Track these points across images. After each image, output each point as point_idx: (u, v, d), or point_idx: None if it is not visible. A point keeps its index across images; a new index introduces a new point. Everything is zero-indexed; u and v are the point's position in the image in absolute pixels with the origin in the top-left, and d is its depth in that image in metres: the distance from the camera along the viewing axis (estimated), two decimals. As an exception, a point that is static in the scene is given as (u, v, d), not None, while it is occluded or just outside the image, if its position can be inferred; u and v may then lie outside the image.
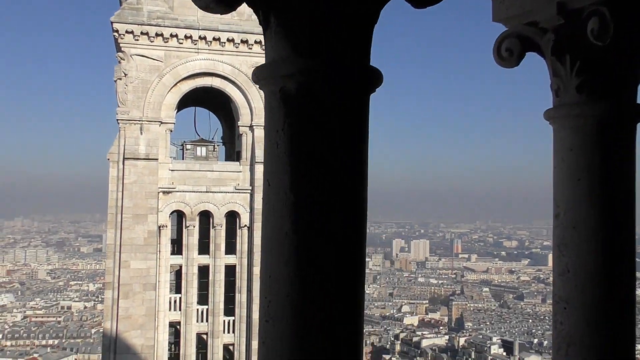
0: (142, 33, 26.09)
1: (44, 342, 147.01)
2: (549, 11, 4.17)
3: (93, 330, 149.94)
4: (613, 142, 4.34)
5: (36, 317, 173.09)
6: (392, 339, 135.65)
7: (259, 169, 27.64)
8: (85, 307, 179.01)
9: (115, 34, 25.99)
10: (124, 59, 26.14)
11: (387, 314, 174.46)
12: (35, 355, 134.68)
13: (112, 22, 25.91)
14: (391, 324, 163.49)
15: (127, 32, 25.91)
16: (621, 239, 4.42)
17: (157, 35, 26.28)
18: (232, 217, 28.19)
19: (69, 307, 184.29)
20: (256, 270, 27.23)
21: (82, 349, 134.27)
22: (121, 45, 26.10)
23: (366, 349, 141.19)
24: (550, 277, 5.66)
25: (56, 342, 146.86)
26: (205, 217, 28.26)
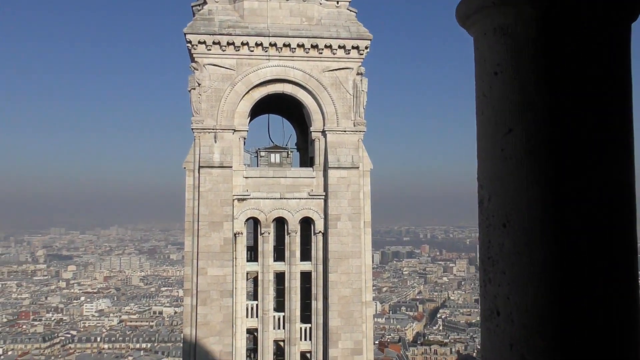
0: (214, 43, 26.45)
1: (137, 346, 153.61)
2: None
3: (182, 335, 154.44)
4: (581, 55, 2.31)
5: (130, 321, 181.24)
6: (478, 347, 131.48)
7: (333, 175, 27.33)
8: (175, 312, 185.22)
9: (189, 44, 26.50)
10: (197, 69, 26.60)
11: (473, 321, 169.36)
12: (130, 358, 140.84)
13: (185, 34, 26.44)
14: (477, 332, 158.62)
15: (199, 42, 26.36)
16: (603, 250, 2.47)
17: (228, 44, 26.56)
18: (306, 223, 27.99)
19: (160, 312, 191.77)
20: (332, 277, 26.86)
21: (173, 353, 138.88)
22: (194, 55, 26.58)
23: (451, 358, 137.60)
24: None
25: (149, 345, 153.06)
26: (280, 223, 28.22)
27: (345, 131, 27.71)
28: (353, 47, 27.62)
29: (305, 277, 27.94)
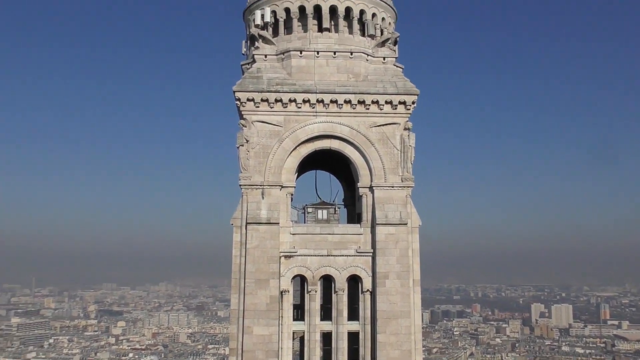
0: (262, 100, 26.78)
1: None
2: None
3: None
4: None
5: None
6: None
7: (381, 231, 26.76)
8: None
9: (238, 102, 26.90)
10: (245, 126, 26.88)
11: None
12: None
13: (234, 91, 26.88)
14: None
15: (248, 99, 26.74)
16: None
17: (276, 101, 26.84)
18: (354, 281, 27.29)
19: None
20: (380, 337, 25.87)
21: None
22: (243, 112, 26.92)
23: None
24: None
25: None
26: (327, 281, 27.61)
27: (393, 187, 27.26)
28: (400, 103, 27.49)
29: (353, 337, 27.01)
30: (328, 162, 30.98)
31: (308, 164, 29.87)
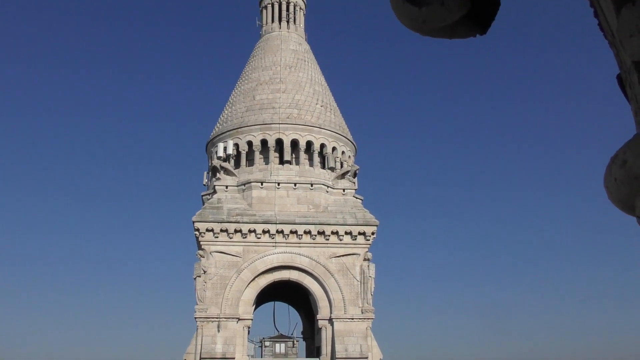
0: (221, 230, 26.69)
1: None
2: None
3: None
4: None
5: None
6: None
7: (341, 366, 25.84)
8: None
9: (197, 232, 26.73)
10: (203, 257, 26.52)
11: None
12: None
13: (194, 222, 26.79)
14: None
15: (207, 230, 26.61)
16: None
17: (235, 231, 26.78)
18: (313, 421, 25.89)
19: None
20: None
21: None
22: (201, 243, 26.67)
23: None
24: None
25: None
26: (285, 421, 26.13)
27: (352, 319, 26.78)
28: (359, 233, 27.75)
29: None
30: (287, 293, 30.50)
31: (266, 296, 29.32)
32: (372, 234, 27.91)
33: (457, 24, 2.56)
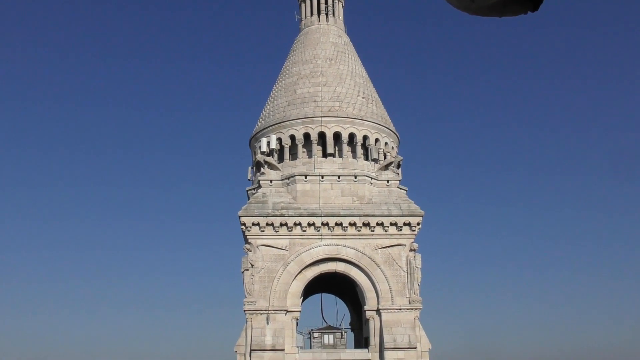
0: (267, 224, 27.04)
1: None
2: None
3: None
4: None
5: None
6: None
7: (389, 356, 25.92)
8: None
9: (243, 227, 27.15)
10: (250, 250, 26.94)
11: None
12: None
13: (240, 216, 27.22)
14: None
15: (253, 224, 27.00)
16: None
17: (281, 225, 27.09)
18: (363, 411, 26.04)
19: None
20: None
21: None
22: (248, 237, 27.09)
23: None
24: None
25: None
26: (335, 411, 26.35)
27: (400, 309, 26.77)
28: (405, 224, 27.67)
29: None
30: (334, 285, 30.69)
31: (314, 288, 29.58)
32: (418, 224, 27.80)
33: (507, 0, 2.49)
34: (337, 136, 28.91)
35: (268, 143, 28.99)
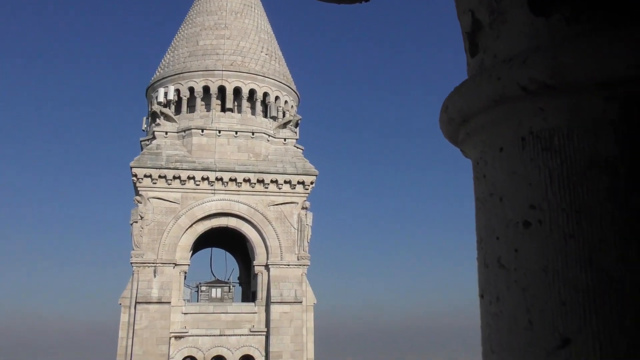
0: (159, 176, 26.60)
1: None
2: None
3: None
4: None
5: None
6: None
7: (275, 310, 26.72)
8: None
9: (134, 178, 26.55)
10: (140, 202, 26.47)
11: None
12: None
13: (131, 167, 26.58)
14: None
15: (145, 176, 26.47)
16: None
17: (174, 178, 26.75)
18: (246, 362, 26.85)
19: None
20: (271, 421, 25.38)
21: None
22: (139, 188, 26.56)
23: None
24: None
25: None
26: (219, 362, 26.96)
27: (289, 265, 27.52)
28: (299, 183, 28.21)
29: (243, 421, 26.31)
30: (224, 240, 30.89)
31: (204, 242, 29.65)
32: (311, 183, 28.43)
33: None
34: (237, 91, 28.65)
35: (165, 94, 28.25)
